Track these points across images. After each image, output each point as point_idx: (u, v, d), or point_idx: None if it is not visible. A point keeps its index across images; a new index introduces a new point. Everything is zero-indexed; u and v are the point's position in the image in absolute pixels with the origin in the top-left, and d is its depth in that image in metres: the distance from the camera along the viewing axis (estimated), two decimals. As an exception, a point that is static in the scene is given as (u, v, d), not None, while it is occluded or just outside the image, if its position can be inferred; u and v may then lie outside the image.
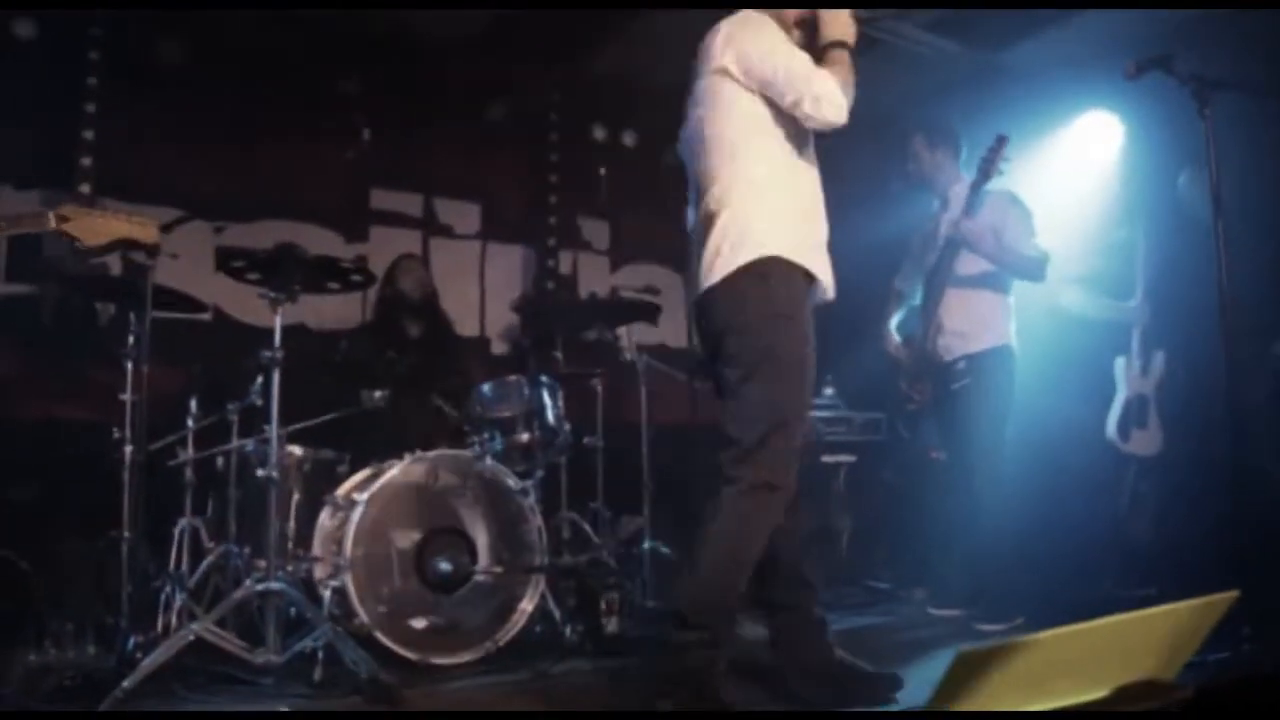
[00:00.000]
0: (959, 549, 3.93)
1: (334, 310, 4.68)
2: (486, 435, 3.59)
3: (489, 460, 3.49)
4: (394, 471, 3.28)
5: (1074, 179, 5.01)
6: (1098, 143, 5.11)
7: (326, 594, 3.10)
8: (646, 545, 4.01)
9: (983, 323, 3.88)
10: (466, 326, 5.18)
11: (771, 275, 2.41)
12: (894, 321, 4.15)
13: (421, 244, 5.21)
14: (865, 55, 5.16)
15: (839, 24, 2.58)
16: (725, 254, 2.42)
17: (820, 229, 2.61)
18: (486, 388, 3.67)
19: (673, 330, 5.52)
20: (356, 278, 3.42)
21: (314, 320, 4.69)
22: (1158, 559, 4.00)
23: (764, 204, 2.45)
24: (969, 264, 3.87)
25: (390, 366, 3.84)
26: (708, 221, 2.49)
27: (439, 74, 4.98)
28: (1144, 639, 1.07)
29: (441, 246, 5.26)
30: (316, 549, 3.34)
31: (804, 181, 2.59)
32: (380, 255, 4.84)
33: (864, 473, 4.90)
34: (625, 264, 5.77)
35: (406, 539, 3.33)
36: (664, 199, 5.66)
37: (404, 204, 5.20)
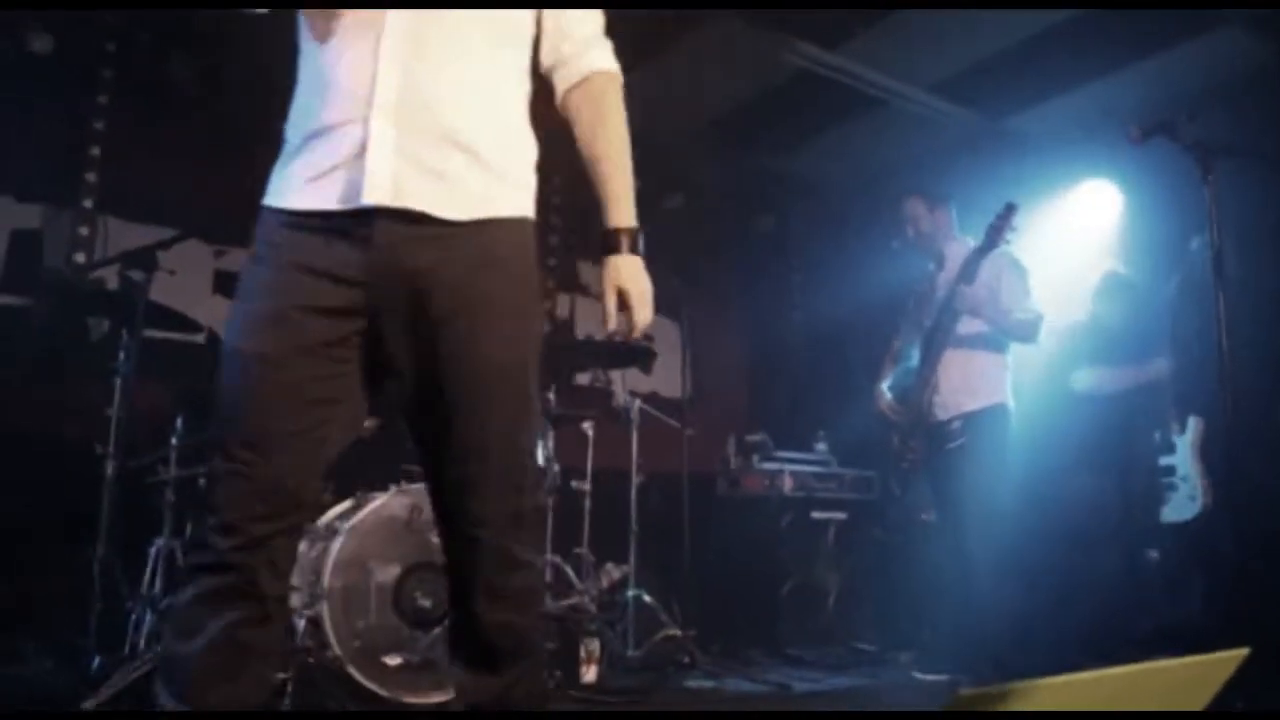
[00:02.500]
0: (948, 613, 3.87)
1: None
2: (474, 472, 3.54)
3: (474, 497, 3.43)
4: (377, 503, 3.23)
5: (1073, 247, 5.04)
6: (1097, 211, 5.16)
7: (300, 624, 3.03)
8: (630, 593, 3.95)
9: (979, 382, 3.86)
10: (460, 364, 5.15)
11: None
12: (886, 382, 4.14)
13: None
14: (869, 115, 5.33)
15: None
16: None
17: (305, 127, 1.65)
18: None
19: (666, 378, 5.50)
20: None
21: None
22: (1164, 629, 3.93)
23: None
24: (966, 324, 3.87)
25: (384, 396, 3.80)
26: None
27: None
28: (1144, 692, 1.03)
29: (441, 283, 5.26)
30: (294, 578, 3.27)
31: (312, 100, 1.65)
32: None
33: (854, 531, 4.85)
34: (622, 310, 5.78)
35: (386, 573, 3.26)
36: (663, 247, 5.71)
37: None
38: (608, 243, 1.75)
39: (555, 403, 4.20)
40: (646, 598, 3.94)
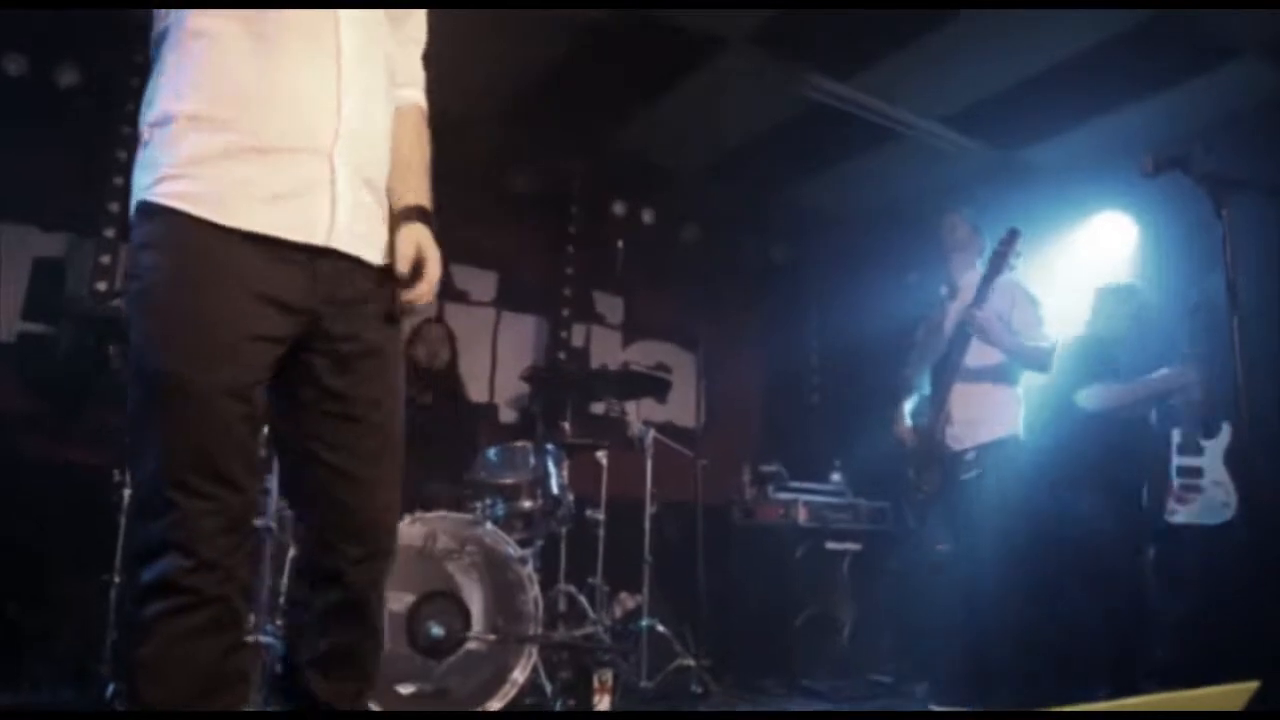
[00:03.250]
0: (964, 644, 3.83)
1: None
2: (489, 500, 3.56)
3: (489, 525, 3.45)
4: (393, 531, 3.24)
5: (1087, 279, 5.03)
6: (1112, 242, 5.15)
7: (313, 652, 3.03)
8: (644, 623, 3.93)
9: (992, 413, 3.84)
10: (477, 392, 5.18)
11: (142, 233, 1.55)
12: (908, 407, 4.13)
13: (437, 308, 5.24)
14: (884, 147, 5.36)
15: None
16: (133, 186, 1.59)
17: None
18: (492, 453, 3.65)
19: (681, 408, 5.52)
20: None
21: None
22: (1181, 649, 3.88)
23: (166, 111, 1.57)
24: (978, 356, 3.86)
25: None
26: None
27: (463, 141, 5.07)
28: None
29: (456, 312, 5.30)
30: (308, 606, 3.28)
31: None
32: (397, 317, 4.87)
33: (869, 562, 4.82)
34: (637, 340, 5.80)
35: (400, 601, 3.27)
36: (679, 278, 5.76)
37: (422, 267, 5.25)
38: (409, 215, 1.75)
39: (570, 432, 4.22)
40: (660, 627, 3.93)
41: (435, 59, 4.56)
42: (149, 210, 1.51)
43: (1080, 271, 5.07)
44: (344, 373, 1.60)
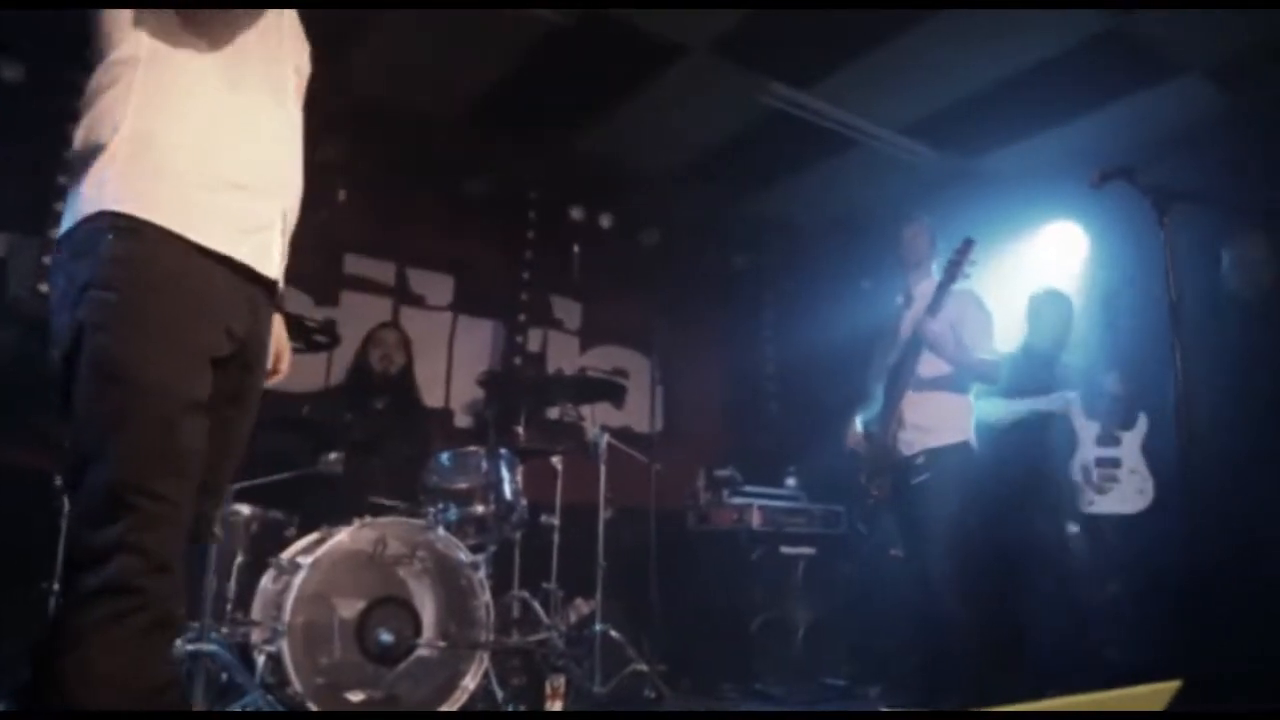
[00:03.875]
0: (916, 647, 3.87)
1: (299, 372, 4.63)
2: (441, 505, 3.54)
3: (441, 531, 3.43)
4: (341, 536, 3.21)
5: (1039, 286, 5.11)
6: (1063, 251, 5.24)
7: (261, 660, 3.00)
8: (597, 629, 3.92)
9: (943, 418, 3.88)
10: (432, 397, 5.15)
11: (112, 237, 1.54)
12: (860, 417, 4.16)
13: (392, 312, 5.21)
14: (843, 155, 5.41)
15: None
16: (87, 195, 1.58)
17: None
18: (445, 457, 3.63)
19: (639, 413, 5.51)
20: (321, 338, 3.41)
21: (282, 381, 4.63)
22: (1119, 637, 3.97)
23: (133, 129, 1.59)
24: (932, 363, 3.90)
25: (347, 430, 3.80)
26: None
27: (422, 145, 5.05)
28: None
29: (412, 316, 5.26)
30: (256, 612, 3.24)
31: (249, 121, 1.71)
32: (350, 320, 4.83)
33: (823, 566, 4.85)
34: (595, 345, 5.80)
35: (350, 607, 3.24)
36: (637, 283, 5.77)
37: (377, 271, 5.22)
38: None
39: (524, 437, 4.20)
40: (614, 633, 3.92)
41: (395, 63, 4.59)
42: (130, 225, 1.53)
43: (1032, 280, 5.16)
44: (236, 402, 1.73)
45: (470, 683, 3.29)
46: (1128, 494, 4.18)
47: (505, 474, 3.64)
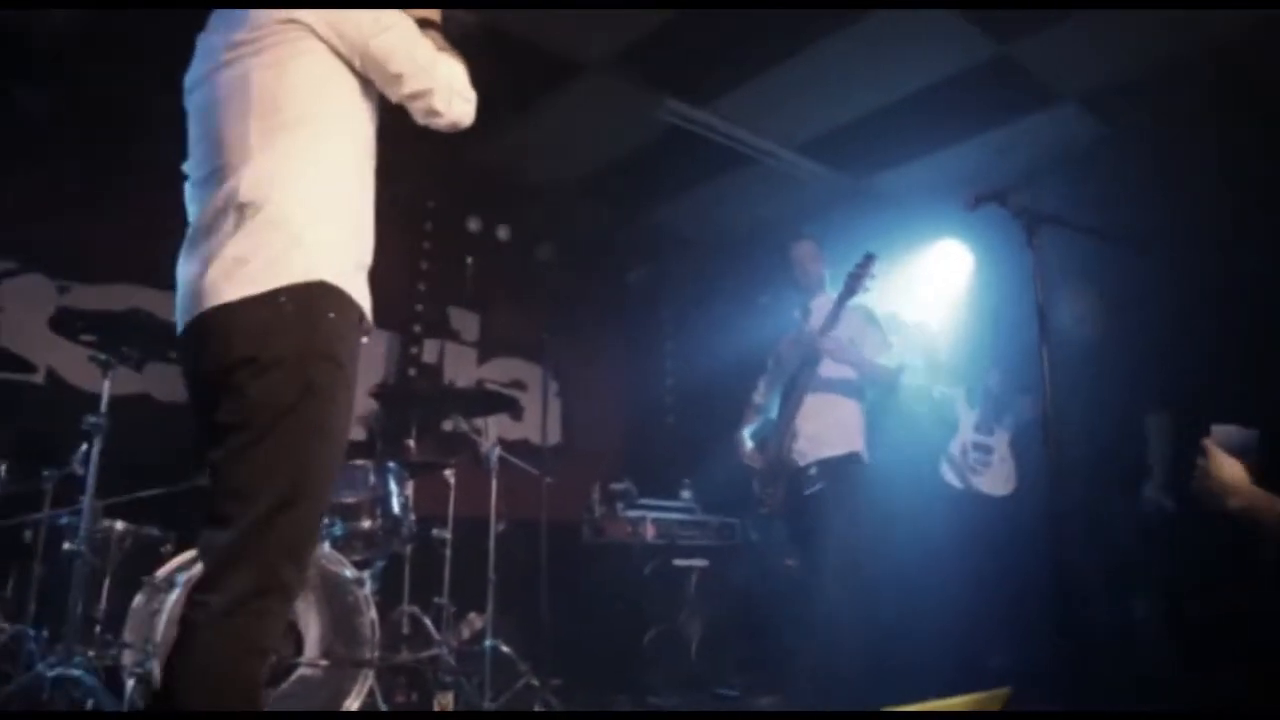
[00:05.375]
0: (808, 656, 3.93)
1: (182, 384, 4.48)
2: (326, 521, 3.46)
3: (326, 547, 3.35)
4: (220, 553, 3.10)
5: (927, 303, 5.29)
6: (950, 270, 5.42)
7: (130, 683, 2.88)
8: (488, 644, 3.88)
9: (837, 430, 3.96)
10: (325, 410, 5.04)
11: (326, 307, 1.76)
12: (748, 431, 4.22)
13: (283, 323, 5.07)
14: (740, 172, 5.50)
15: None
16: (259, 266, 1.72)
17: (368, 248, 1.94)
18: (329, 471, 3.54)
19: (537, 426, 5.49)
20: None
21: (162, 392, 4.47)
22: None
23: (330, 212, 1.81)
24: (827, 372, 3.98)
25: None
26: (230, 209, 1.76)
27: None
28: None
29: (305, 327, 5.13)
30: (127, 634, 3.11)
31: (368, 188, 1.94)
32: (239, 331, 4.70)
33: (717, 577, 4.89)
34: (494, 357, 5.75)
35: (228, 626, 3.14)
36: (536, 295, 5.75)
37: (269, 280, 5.07)
38: None
39: (416, 450, 4.15)
40: (504, 648, 3.88)
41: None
42: (340, 300, 1.77)
43: (922, 296, 5.33)
44: None
45: (354, 702, 3.22)
46: (997, 479, 4.52)
47: (394, 488, 3.58)
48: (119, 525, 3.32)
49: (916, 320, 5.16)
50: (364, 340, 1.88)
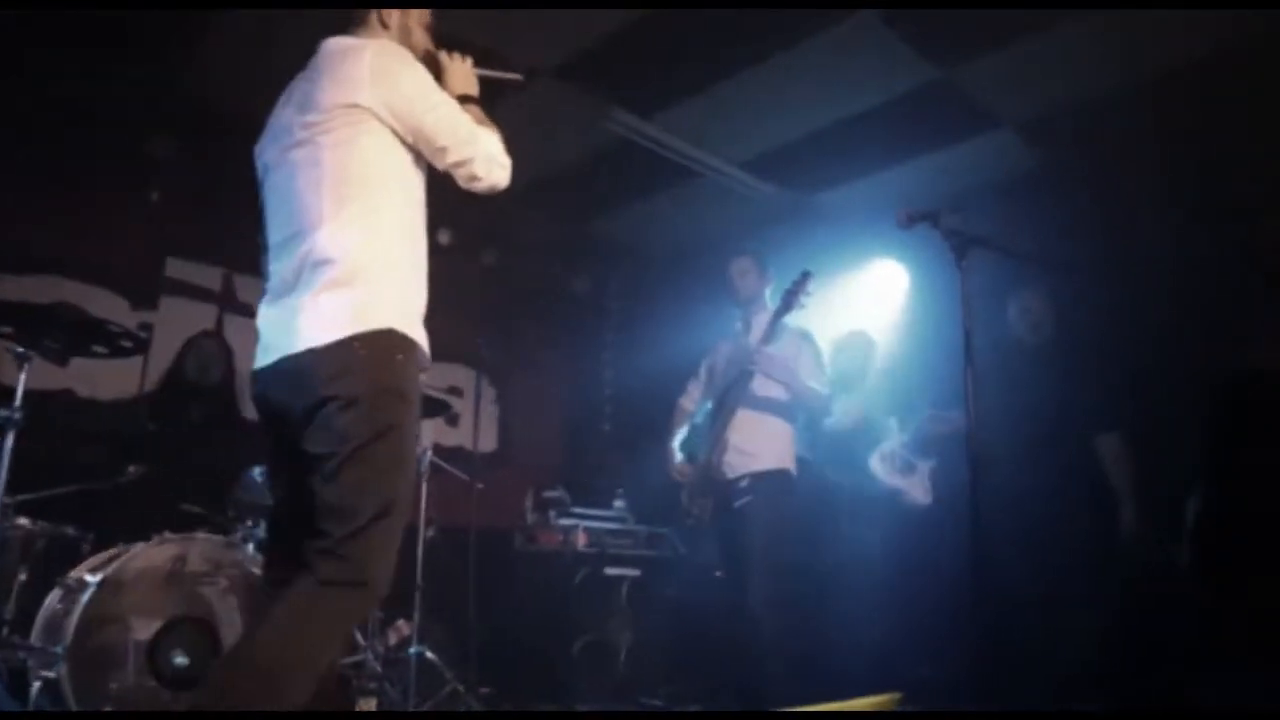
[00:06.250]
0: (734, 667, 3.95)
1: (111, 379, 4.39)
2: (251, 522, 3.41)
3: (250, 548, 3.30)
4: (137, 553, 3.05)
5: (864, 321, 5.36)
6: (887, 287, 5.51)
7: (35, 686, 2.81)
8: (413, 650, 3.85)
9: (768, 444, 4.00)
10: (253, 409, 4.96)
11: (394, 350, 2.07)
12: (677, 441, 4.25)
13: (216, 319, 4.99)
14: (685, 186, 5.53)
15: (462, 77, 2.45)
16: (337, 315, 2.02)
17: (424, 299, 2.26)
18: (256, 472, 3.51)
19: (471, 433, 5.46)
20: (126, 343, 3.24)
21: (85, 388, 4.37)
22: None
23: (393, 266, 2.13)
24: (760, 389, 4.02)
25: (154, 441, 3.62)
26: (309, 267, 2.07)
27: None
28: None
29: (239, 325, 5.04)
30: (35, 635, 3.04)
31: (421, 242, 2.25)
32: (169, 325, 4.62)
33: (647, 587, 4.90)
34: (432, 362, 5.71)
35: (146, 628, 3.08)
36: (477, 302, 5.71)
37: (202, 276, 4.99)
38: None
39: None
40: (430, 654, 3.85)
41: (235, 67, 4.40)
42: (406, 345, 2.08)
43: (860, 313, 5.41)
44: None
45: (272, 707, 3.16)
46: (918, 489, 4.58)
47: (322, 490, 3.53)
48: (29, 524, 3.23)
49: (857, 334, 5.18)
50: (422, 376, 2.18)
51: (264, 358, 2.12)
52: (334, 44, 2.26)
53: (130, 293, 4.73)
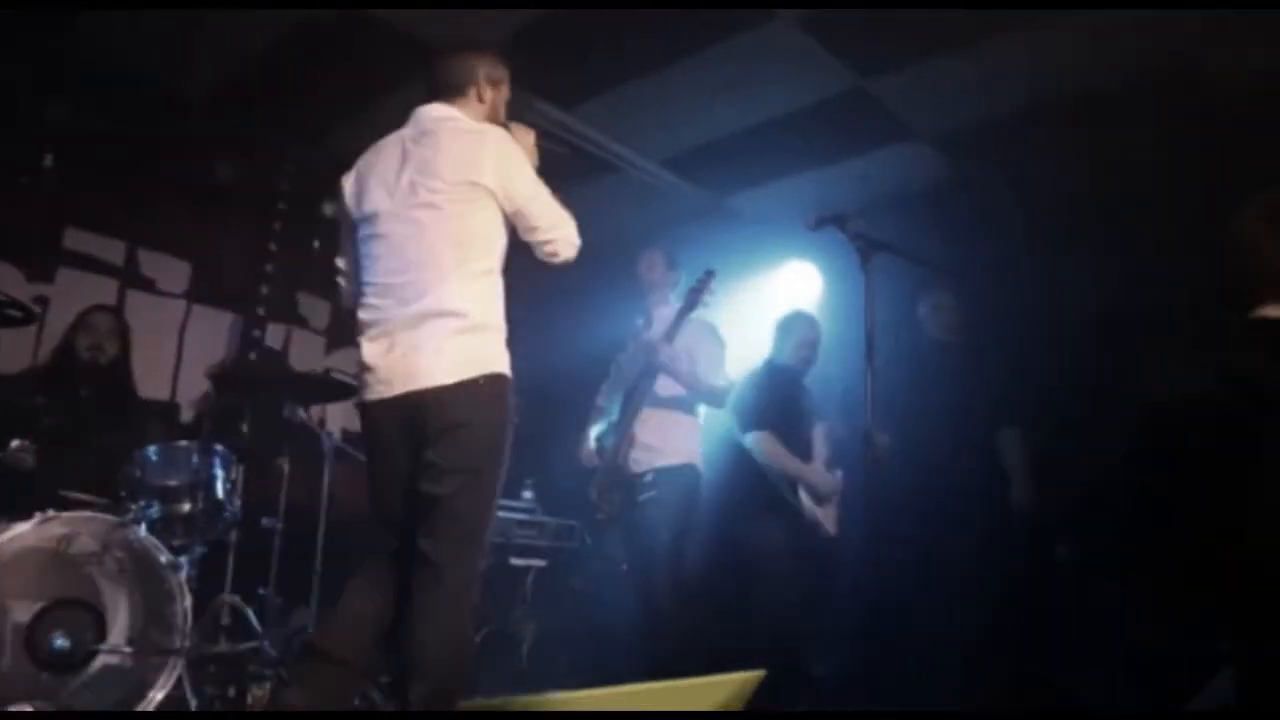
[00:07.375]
0: (639, 661, 3.98)
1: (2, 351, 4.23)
2: (144, 502, 3.31)
3: (141, 529, 3.21)
4: (18, 532, 2.93)
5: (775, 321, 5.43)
6: (799, 289, 5.60)
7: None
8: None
9: (673, 440, 4.06)
10: (156, 389, 4.82)
11: (507, 389, 2.52)
12: (593, 432, 4.27)
13: (118, 294, 4.83)
14: (603, 181, 5.54)
15: (529, 150, 2.82)
16: (469, 360, 2.46)
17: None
18: (151, 451, 3.41)
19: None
20: (14, 313, 3.11)
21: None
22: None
23: (501, 320, 2.58)
24: (666, 385, 4.07)
25: (41, 417, 3.49)
26: (434, 315, 2.48)
27: (170, 123, 4.75)
28: (672, 704, 1.13)
29: (140, 301, 4.89)
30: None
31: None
32: (66, 299, 4.46)
33: (553, 579, 4.90)
34: (343, 346, 5.60)
35: (24, 610, 2.97)
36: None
37: (103, 249, 4.81)
38: None
39: (249, 435, 4.02)
40: (327, 642, 3.78)
41: (139, 28, 4.28)
42: (510, 381, 2.54)
43: (769, 314, 5.48)
44: None
45: (159, 693, 3.08)
46: (829, 518, 4.46)
47: (219, 472, 3.46)
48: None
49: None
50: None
51: (383, 390, 2.51)
52: (446, 118, 2.67)
53: (25, 263, 4.55)
